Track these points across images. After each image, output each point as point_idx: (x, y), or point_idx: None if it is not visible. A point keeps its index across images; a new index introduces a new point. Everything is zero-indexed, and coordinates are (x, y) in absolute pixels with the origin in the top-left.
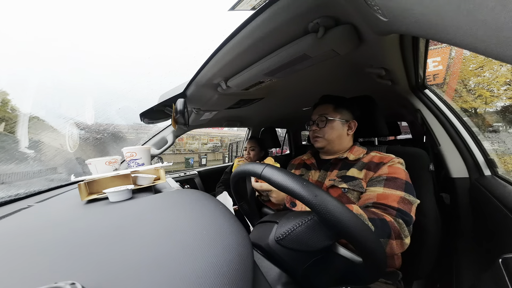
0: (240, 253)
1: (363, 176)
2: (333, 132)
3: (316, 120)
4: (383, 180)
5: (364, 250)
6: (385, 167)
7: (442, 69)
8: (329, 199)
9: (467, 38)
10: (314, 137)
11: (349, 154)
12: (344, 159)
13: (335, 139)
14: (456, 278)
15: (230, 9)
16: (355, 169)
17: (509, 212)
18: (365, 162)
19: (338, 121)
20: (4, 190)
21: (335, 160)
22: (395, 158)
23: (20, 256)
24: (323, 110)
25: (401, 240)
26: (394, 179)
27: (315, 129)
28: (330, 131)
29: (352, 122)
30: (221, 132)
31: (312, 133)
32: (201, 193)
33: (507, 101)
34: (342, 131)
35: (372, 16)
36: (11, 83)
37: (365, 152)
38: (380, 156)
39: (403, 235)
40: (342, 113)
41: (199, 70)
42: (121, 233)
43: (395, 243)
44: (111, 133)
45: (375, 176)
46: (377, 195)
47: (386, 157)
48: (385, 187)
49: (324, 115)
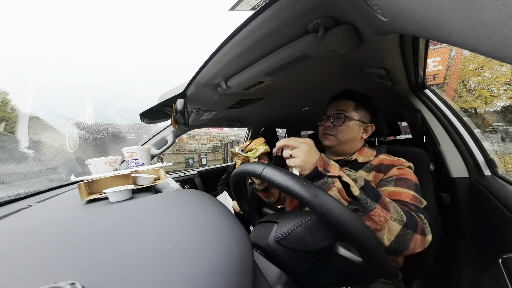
0: (240, 253)
1: (371, 178)
2: (349, 133)
3: (332, 116)
4: (393, 180)
5: (364, 250)
6: (395, 169)
7: (442, 69)
8: (329, 199)
9: (467, 38)
10: (325, 133)
11: (358, 156)
12: (353, 161)
13: (348, 141)
14: (456, 278)
15: (230, 9)
16: (363, 171)
17: (509, 212)
18: (374, 165)
19: (357, 122)
20: (4, 190)
21: (344, 162)
22: (406, 162)
23: (20, 256)
24: (343, 106)
25: (425, 236)
26: (405, 179)
27: (328, 125)
28: (346, 132)
29: (369, 125)
30: (221, 132)
31: (323, 129)
32: (201, 193)
33: (507, 101)
34: (358, 134)
35: (372, 16)
36: (11, 83)
37: (374, 154)
38: (390, 159)
39: (426, 230)
40: (362, 113)
41: (199, 70)
42: (121, 233)
43: (420, 238)
44: (111, 133)
45: (385, 177)
46: (389, 193)
47: (397, 161)
48: (396, 186)
49: (343, 112)
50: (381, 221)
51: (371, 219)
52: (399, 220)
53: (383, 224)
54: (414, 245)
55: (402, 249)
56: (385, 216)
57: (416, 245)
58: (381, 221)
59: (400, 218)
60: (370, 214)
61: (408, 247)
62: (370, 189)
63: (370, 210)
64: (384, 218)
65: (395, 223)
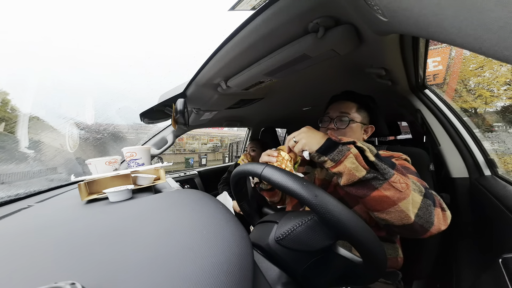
0: (240, 253)
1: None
2: (352, 135)
3: (335, 119)
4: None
5: (364, 250)
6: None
7: (442, 69)
8: (329, 199)
9: (467, 38)
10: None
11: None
12: None
13: None
14: (456, 278)
15: (230, 9)
16: None
17: (509, 212)
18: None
19: (359, 124)
20: (4, 190)
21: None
22: (402, 155)
23: (20, 256)
24: (345, 108)
25: (445, 212)
26: (406, 168)
27: (331, 128)
28: (350, 134)
29: (369, 127)
30: (221, 132)
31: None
32: (201, 193)
33: (507, 101)
34: (360, 136)
35: (372, 16)
36: (11, 83)
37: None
38: (388, 153)
39: (443, 206)
40: (363, 115)
41: (199, 70)
42: (121, 233)
43: (441, 213)
44: (111, 133)
45: None
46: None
47: (394, 154)
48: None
49: (347, 115)
50: (403, 187)
51: (392, 187)
52: (418, 190)
53: (406, 190)
54: (438, 221)
55: (428, 225)
56: (406, 182)
57: (440, 221)
58: (403, 187)
59: (419, 189)
60: (391, 181)
61: (433, 222)
62: (384, 158)
63: (390, 176)
64: (406, 184)
65: (415, 193)
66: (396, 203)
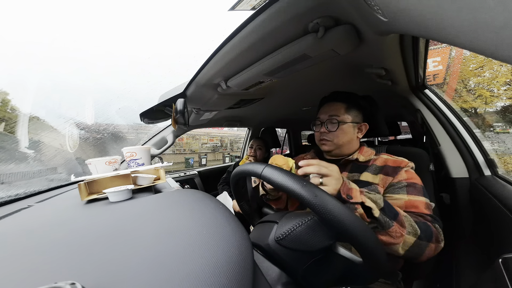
0: (240, 253)
1: (379, 181)
2: (344, 136)
3: (326, 122)
4: (404, 186)
5: (364, 250)
6: (402, 172)
7: (442, 69)
8: (329, 199)
9: (467, 38)
10: (322, 139)
11: (359, 155)
12: (354, 160)
13: (345, 143)
14: (456, 278)
15: (230, 9)
16: (368, 173)
17: (509, 212)
18: (379, 166)
19: (350, 124)
20: (4, 190)
21: (345, 161)
22: (409, 162)
23: (20, 256)
24: (334, 110)
25: (438, 244)
26: (414, 185)
27: (323, 131)
28: (342, 136)
29: (363, 124)
30: (221, 132)
31: (319, 135)
32: (201, 193)
33: (507, 101)
34: (353, 135)
35: (372, 16)
36: (11, 83)
37: (373, 153)
38: (393, 159)
39: (440, 238)
40: (354, 114)
41: (199, 70)
42: (121, 233)
43: (434, 246)
44: (111, 133)
45: (395, 182)
46: (405, 203)
47: (401, 161)
48: (408, 194)
49: (335, 117)
50: (397, 236)
51: (388, 235)
52: (413, 233)
53: (398, 238)
54: (429, 253)
55: (416, 257)
56: (401, 232)
57: (430, 252)
58: (397, 236)
59: (414, 232)
60: (388, 231)
61: (422, 255)
62: (389, 209)
63: (388, 227)
64: (400, 233)
65: (410, 236)
66: (387, 246)
